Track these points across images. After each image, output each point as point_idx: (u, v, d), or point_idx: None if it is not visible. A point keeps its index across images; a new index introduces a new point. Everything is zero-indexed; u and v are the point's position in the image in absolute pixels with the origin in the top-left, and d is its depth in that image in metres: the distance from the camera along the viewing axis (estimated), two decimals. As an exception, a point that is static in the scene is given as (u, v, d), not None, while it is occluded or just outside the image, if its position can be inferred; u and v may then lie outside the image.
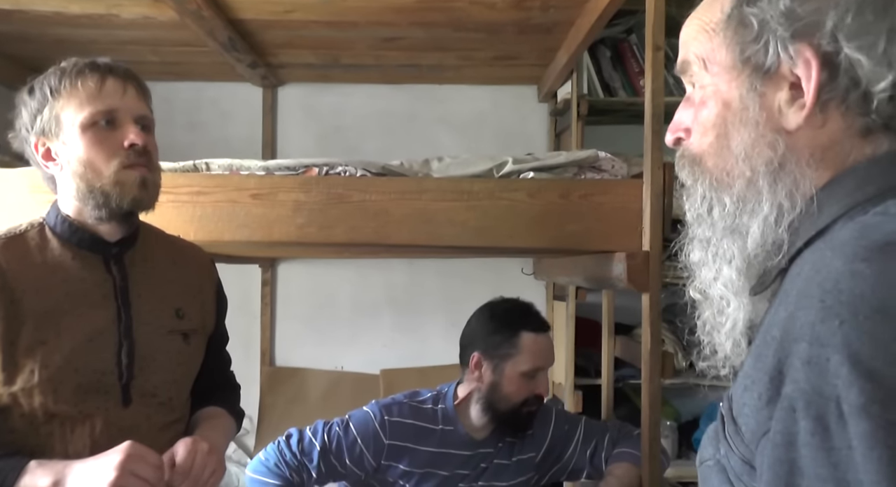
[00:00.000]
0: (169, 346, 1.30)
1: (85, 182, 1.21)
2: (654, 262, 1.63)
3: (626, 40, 2.68)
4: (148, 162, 1.24)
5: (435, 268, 2.96)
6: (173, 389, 1.31)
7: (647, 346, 1.66)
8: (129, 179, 1.21)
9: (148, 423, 1.25)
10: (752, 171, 0.70)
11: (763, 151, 0.70)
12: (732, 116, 0.72)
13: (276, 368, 2.96)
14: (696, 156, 0.76)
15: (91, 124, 1.20)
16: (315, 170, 1.74)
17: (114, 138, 1.21)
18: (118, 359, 1.22)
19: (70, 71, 1.22)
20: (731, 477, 0.67)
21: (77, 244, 1.24)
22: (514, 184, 1.72)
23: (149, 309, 1.28)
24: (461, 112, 3.00)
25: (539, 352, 1.77)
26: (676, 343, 2.61)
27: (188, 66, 2.75)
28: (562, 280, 2.53)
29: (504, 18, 2.23)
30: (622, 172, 1.81)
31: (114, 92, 1.22)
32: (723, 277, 0.74)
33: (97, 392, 1.20)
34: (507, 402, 1.75)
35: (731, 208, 0.73)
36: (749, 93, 0.70)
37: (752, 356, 0.67)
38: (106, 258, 1.26)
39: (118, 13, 2.18)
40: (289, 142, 3.00)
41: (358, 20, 2.26)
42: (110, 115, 1.21)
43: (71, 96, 1.21)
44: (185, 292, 1.36)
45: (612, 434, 1.86)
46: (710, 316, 0.78)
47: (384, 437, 1.74)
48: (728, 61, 0.72)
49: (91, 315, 1.22)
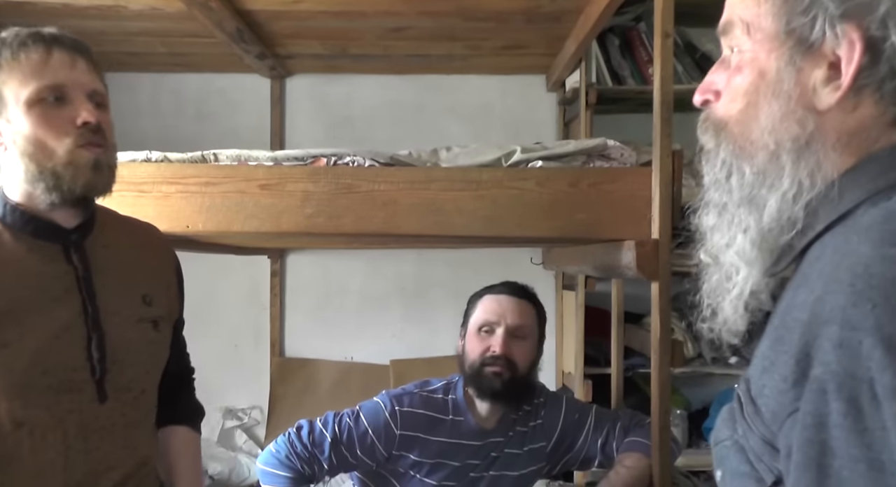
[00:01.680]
0: (140, 336, 1.23)
1: (35, 162, 1.10)
2: (663, 250, 1.62)
3: (635, 28, 2.67)
4: (103, 140, 1.13)
5: (444, 259, 2.97)
6: (146, 380, 1.25)
7: (656, 335, 1.66)
8: (82, 160, 1.10)
9: (123, 420, 1.19)
10: (776, 145, 0.70)
11: (791, 127, 0.69)
12: (766, 87, 0.71)
13: (286, 359, 2.97)
14: (721, 121, 0.76)
15: (38, 100, 1.09)
16: (323, 160, 1.74)
17: (64, 115, 1.10)
18: (88, 354, 1.14)
19: (11, 42, 1.10)
20: (750, 457, 0.68)
21: (32, 234, 1.14)
22: (522, 173, 1.72)
23: (116, 299, 1.20)
24: (470, 102, 3.00)
25: (492, 309, 1.77)
26: (686, 331, 2.61)
27: (196, 57, 2.75)
28: (571, 269, 2.53)
29: (512, 7, 2.22)
30: (631, 160, 1.80)
31: (61, 65, 1.10)
32: (736, 245, 0.74)
33: (70, 391, 1.12)
34: (469, 364, 1.76)
35: (750, 178, 0.72)
36: (787, 66, 0.69)
37: (770, 338, 0.67)
38: (65, 247, 1.16)
39: (126, 4, 2.19)
40: (297, 132, 3.00)
41: (366, 10, 2.26)
42: (59, 91, 1.10)
43: (12, 70, 1.09)
44: (151, 276, 1.29)
45: (623, 422, 1.85)
46: (718, 281, 0.78)
47: (395, 428, 1.74)
48: (772, 30, 0.70)
49: (54, 310, 1.13)
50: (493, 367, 1.72)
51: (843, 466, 0.56)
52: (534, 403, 1.84)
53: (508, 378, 1.72)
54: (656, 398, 1.67)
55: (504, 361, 1.72)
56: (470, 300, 1.86)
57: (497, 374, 1.72)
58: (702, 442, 2.64)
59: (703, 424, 2.66)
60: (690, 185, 2.50)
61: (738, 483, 0.69)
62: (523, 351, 1.77)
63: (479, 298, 1.83)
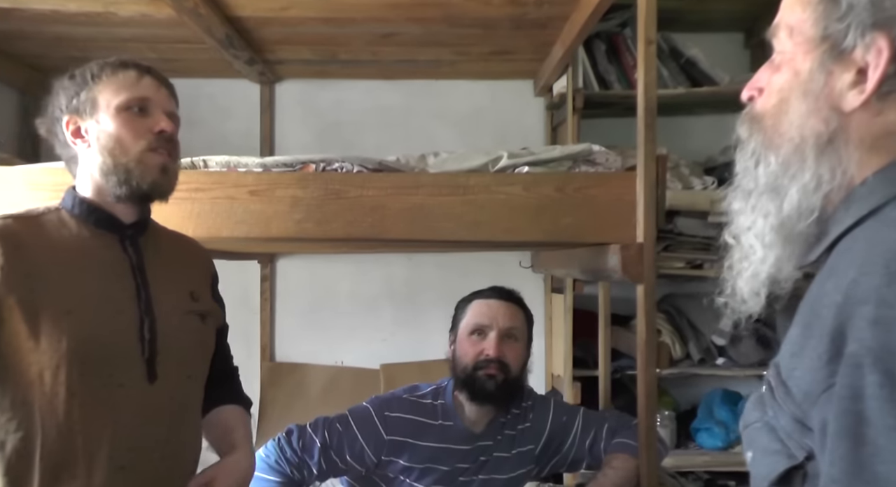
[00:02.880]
0: (188, 325, 1.33)
1: (112, 157, 1.26)
2: (648, 253, 1.64)
3: (621, 34, 2.70)
4: (172, 150, 1.31)
5: (434, 262, 2.98)
6: (193, 367, 1.35)
7: (642, 337, 1.68)
8: (151, 161, 1.27)
9: (170, 403, 1.27)
10: (801, 139, 0.75)
11: (816, 124, 0.74)
12: (798, 85, 0.76)
13: (276, 364, 2.98)
14: (758, 115, 0.81)
15: (126, 107, 1.27)
16: (312, 166, 1.75)
17: (144, 123, 1.28)
18: (140, 335, 1.24)
19: (113, 63, 1.31)
20: (781, 436, 0.72)
21: (94, 223, 1.28)
22: (509, 178, 1.74)
23: (165, 290, 1.31)
24: (458, 107, 3.01)
25: (482, 312, 1.80)
26: (673, 333, 2.63)
27: (186, 63, 2.76)
28: (559, 272, 2.55)
29: (499, 14, 2.24)
30: (616, 165, 1.83)
31: (149, 86, 1.31)
32: (756, 228, 0.80)
33: (122, 367, 1.21)
34: (462, 368, 1.77)
35: (775, 168, 0.78)
36: (819, 67, 0.75)
37: (799, 325, 0.72)
38: (122, 238, 1.29)
39: (116, 11, 2.19)
40: (286, 137, 3.01)
41: (355, 16, 2.27)
42: (143, 103, 1.29)
43: (110, 82, 1.28)
44: (196, 279, 1.42)
45: (611, 423, 1.87)
46: (738, 260, 0.83)
47: (384, 433, 1.75)
48: (811, 34, 0.76)
49: (111, 290, 1.24)
50: (486, 370, 1.74)
51: (878, 434, 0.60)
52: (522, 406, 1.86)
53: (502, 380, 1.75)
54: (643, 399, 1.69)
55: (497, 363, 1.75)
56: (458, 305, 1.88)
57: (491, 376, 1.74)
58: (690, 443, 2.66)
59: (691, 425, 2.68)
60: (675, 189, 2.54)
61: (769, 460, 0.73)
62: (515, 353, 1.79)
63: (469, 303, 1.85)
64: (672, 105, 2.70)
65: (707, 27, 2.88)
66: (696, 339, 2.65)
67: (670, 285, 2.83)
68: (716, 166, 2.74)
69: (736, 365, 2.63)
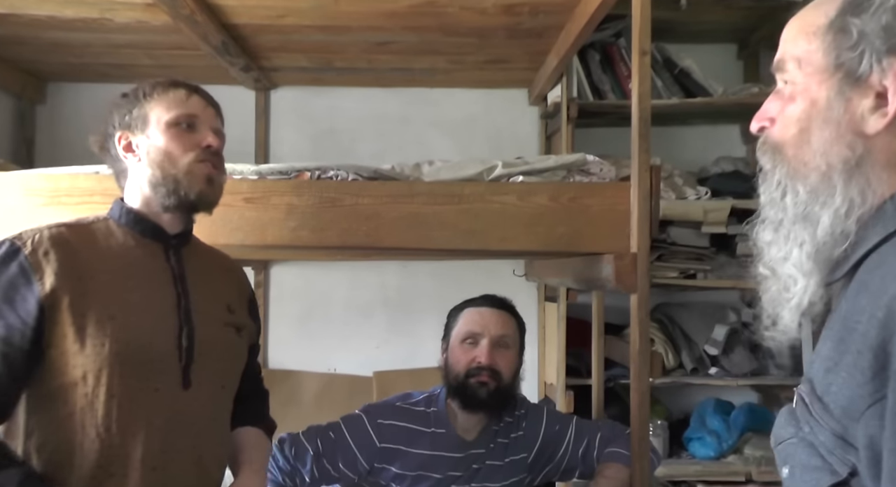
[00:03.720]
0: (224, 337, 1.38)
1: (161, 169, 1.31)
2: (641, 263, 1.65)
3: (615, 44, 2.71)
4: (218, 163, 1.37)
5: (428, 270, 2.98)
6: (227, 378, 1.39)
7: (635, 346, 1.69)
8: (199, 172, 1.32)
9: (202, 411, 1.31)
10: (828, 166, 0.77)
11: (842, 150, 0.76)
12: (817, 114, 0.78)
13: (269, 371, 2.97)
14: (777, 145, 0.83)
15: (175, 123, 1.33)
16: (307, 174, 1.75)
17: (192, 138, 1.34)
18: (179, 342, 1.29)
19: (164, 82, 1.37)
20: (821, 452, 0.72)
21: (140, 233, 1.33)
22: (504, 187, 1.74)
23: (204, 301, 1.36)
24: (453, 115, 3.02)
25: (474, 320, 1.80)
26: (666, 342, 2.64)
27: (181, 69, 2.75)
28: (552, 281, 2.56)
29: (494, 23, 2.26)
30: (610, 175, 1.84)
31: (198, 104, 1.37)
32: (793, 258, 0.80)
33: (159, 372, 1.26)
34: (453, 375, 1.78)
35: (803, 196, 0.79)
36: (837, 95, 0.77)
37: (831, 341, 0.73)
38: (166, 248, 1.35)
39: (112, 17, 2.20)
40: (282, 144, 3.02)
41: (350, 25, 2.28)
42: (192, 120, 1.35)
43: (161, 99, 1.34)
44: (233, 293, 1.46)
45: (604, 432, 1.87)
46: (777, 292, 0.83)
47: (377, 440, 1.75)
48: (822, 64, 0.78)
49: (153, 297, 1.30)
50: (478, 378, 1.74)
51: None
52: (515, 415, 1.86)
53: (494, 387, 1.74)
54: (635, 408, 1.69)
55: (489, 371, 1.74)
56: (450, 314, 1.88)
57: (483, 384, 1.74)
58: (682, 452, 2.67)
59: (684, 434, 2.68)
60: (669, 199, 2.55)
61: (811, 476, 0.74)
62: (507, 361, 1.79)
63: (461, 311, 1.85)
64: (666, 115, 2.71)
65: (700, 38, 2.91)
66: (689, 349, 2.66)
67: (663, 294, 2.84)
68: (709, 176, 2.76)
69: (728, 375, 2.64)
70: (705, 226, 2.53)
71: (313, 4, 2.11)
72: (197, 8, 2.04)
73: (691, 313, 2.73)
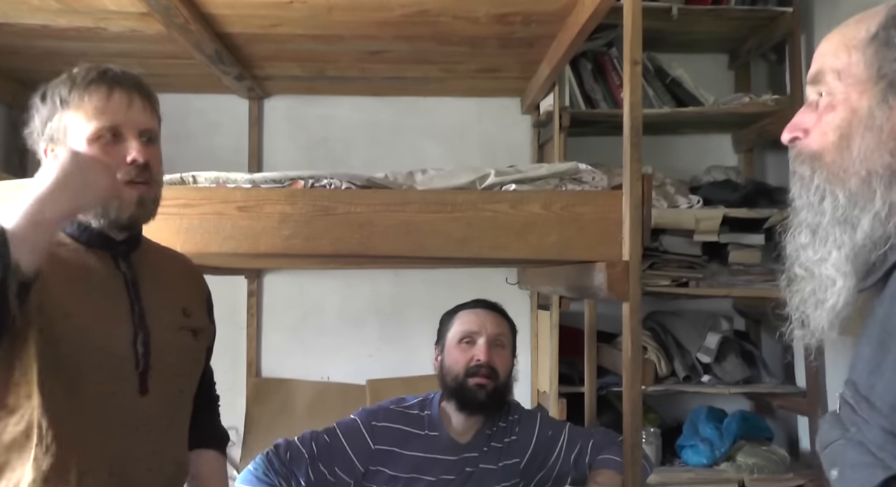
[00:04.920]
0: (181, 342, 1.35)
1: None
2: (633, 271, 1.66)
3: (607, 53, 2.73)
4: (149, 178, 1.27)
5: (421, 278, 2.98)
6: (184, 383, 1.37)
7: (627, 354, 1.69)
8: (127, 196, 1.24)
9: (160, 416, 1.29)
10: (867, 172, 0.79)
11: (883, 156, 0.78)
12: (858, 122, 0.81)
13: (263, 379, 2.97)
14: (816, 153, 0.85)
15: (96, 138, 1.23)
16: (301, 182, 1.76)
17: (117, 151, 1.24)
18: (134, 348, 1.25)
19: (79, 81, 1.25)
20: (871, 449, 0.74)
21: (87, 242, 1.28)
22: (496, 195, 1.75)
23: (159, 306, 1.32)
24: (445, 123, 3.03)
25: (471, 320, 1.84)
26: (658, 350, 2.65)
27: (175, 78, 2.77)
28: (545, 289, 2.57)
29: (487, 32, 2.27)
30: (602, 183, 1.85)
31: (120, 105, 1.25)
32: (832, 259, 0.82)
33: (116, 378, 1.23)
34: (451, 376, 1.80)
35: (843, 201, 0.81)
36: (880, 104, 0.79)
37: (872, 344, 0.76)
38: (114, 255, 1.30)
39: (106, 27, 2.21)
40: (275, 153, 3.02)
41: (344, 34, 2.29)
42: (115, 130, 1.24)
43: (79, 108, 1.23)
44: (189, 296, 1.43)
45: (597, 440, 1.88)
46: (811, 292, 0.85)
47: (371, 442, 1.77)
48: (864, 75, 0.81)
49: (107, 304, 1.25)
50: (477, 378, 1.77)
51: None
52: (508, 419, 1.87)
53: (492, 388, 1.77)
54: (628, 416, 1.70)
55: (488, 369, 1.77)
56: (443, 318, 1.90)
57: (481, 386, 1.77)
58: (675, 460, 2.67)
59: (676, 442, 2.69)
60: (661, 207, 2.56)
61: (862, 473, 0.75)
62: (503, 360, 1.82)
63: (455, 314, 1.88)
64: (657, 124, 2.73)
65: (692, 48, 2.93)
66: (682, 356, 2.66)
67: (655, 302, 2.84)
68: (700, 185, 2.78)
69: (721, 383, 2.64)
70: (697, 234, 2.54)
71: (307, 14, 2.12)
72: (191, 17, 2.05)
73: (683, 321, 2.74)
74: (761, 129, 2.78)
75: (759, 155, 2.99)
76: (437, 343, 1.90)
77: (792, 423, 2.85)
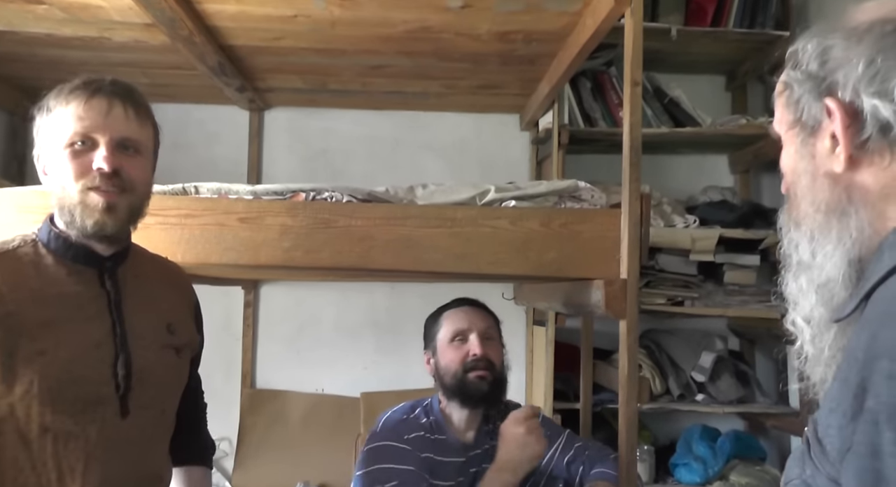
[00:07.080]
0: (163, 360, 1.32)
1: (58, 199, 1.23)
2: (631, 290, 1.67)
3: (606, 72, 2.75)
4: (119, 186, 1.22)
5: (417, 292, 2.99)
6: (166, 402, 1.35)
7: (623, 371, 1.70)
8: (91, 202, 1.21)
9: (142, 437, 1.27)
10: (815, 211, 0.79)
11: (823, 193, 0.78)
12: (794, 166, 0.82)
13: (257, 390, 2.96)
14: (787, 203, 0.86)
15: (69, 144, 1.21)
16: (302, 195, 1.77)
17: (87, 159, 1.21)
18: (114, 371, 1.23)
19: (63, 90, 1.24)
20: None
21: (72, 259, 1.25)
22: (496, 212, 1.76)
23: (142, 324, 1.29)
24: (445, 138, 3.05)
25: (459, 318, 1.86)
26: (653, 368, 2.66)
27: (177, 89, 2.78)
28: (541, 305, 2.57)
29: (488, 50, 2.29)
30: (601, 202, 1.86)
31: (97, 113, 1.22)
32: (801, 309, 0.81)
33: (95, 403, 1.20)
34: (450, 374, 1.80)
35: (805, 246, 0.81)
36: (802, 146, 0.81)
37: (838, 380, 0.71)
38: (100, 272, 1.26)
39: (110, 36, 2.22)
40: (274, 165, 3.03)
41: (346, 48, 2.31)
42: (86, 137, 1.21)
43: (59, 114, 1.23)
44: (175, 309, 1.40)
45: (591, 452, 1.89)
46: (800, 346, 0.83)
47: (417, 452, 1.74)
48: (788, 120, 0.83)
49: (88, 327, 1.22)
50: (476, 371, 1.78)
51: None
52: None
53: (492, 379, 1.80)
54: (623, 433, 1.70)
55: (485, 361, 1.79)
56: (428, 322, 1.93)
57: (482, 378, 1.78)
58: (668, 478, 2.67)
59: (670, 460, 2.69)
60: (658, 226, 2.58)
61: None
62: (496, 351, 1.85)
63: (440, 316, 1.90)
64: (655, 143, 2.75)
65: (690, 69, 2.96)
66: (676, 375, 2.67)
67: (651, 321, 2.86)
68: (697, 205, 2.80)
69: (715, 402, 2.65)
70: (693, 253, 2.56)
71: (310, 28, 2.14)
72: (195, 29, 2.06)
73: (678, 340, 2.75)
74: (757, 151, 2.80)
75: (754, 176, 3.01)
76: (427, 347, 1.91)
77: (785, 443, 2.86)
